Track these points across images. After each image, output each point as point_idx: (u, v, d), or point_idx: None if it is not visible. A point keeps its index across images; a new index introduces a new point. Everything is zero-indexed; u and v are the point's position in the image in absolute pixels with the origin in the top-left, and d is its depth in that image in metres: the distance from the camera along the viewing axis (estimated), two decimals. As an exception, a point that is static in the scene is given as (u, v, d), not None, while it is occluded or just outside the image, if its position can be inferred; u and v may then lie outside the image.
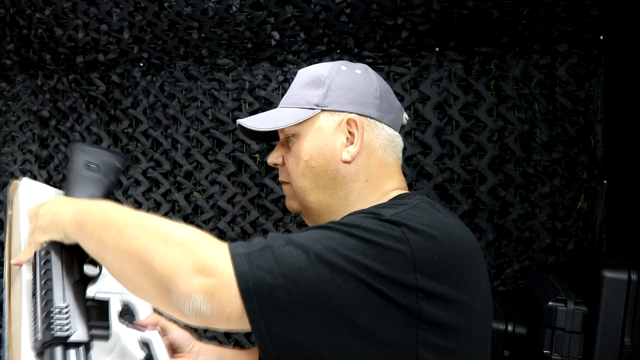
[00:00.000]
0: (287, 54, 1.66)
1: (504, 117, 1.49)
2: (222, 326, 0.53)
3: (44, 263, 0.65)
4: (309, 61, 1.66)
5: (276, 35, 1.61)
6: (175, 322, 0.82)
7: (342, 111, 0.76)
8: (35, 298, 0.63)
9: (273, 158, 0.81)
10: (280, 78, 1.67)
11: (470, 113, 1.51)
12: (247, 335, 1.71)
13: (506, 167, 1.48)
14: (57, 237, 0.66)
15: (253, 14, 1.58)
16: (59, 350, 0.57)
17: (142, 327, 0.79)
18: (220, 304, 0.50)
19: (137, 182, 1.85)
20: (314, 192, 0.76)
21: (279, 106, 0.81)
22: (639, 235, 1.25)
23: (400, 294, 0.52)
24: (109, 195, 0.79)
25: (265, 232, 1.69)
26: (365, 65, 0.81)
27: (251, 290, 0.50)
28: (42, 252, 0.67)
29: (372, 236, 0.54)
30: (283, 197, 1.67)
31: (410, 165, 1.56)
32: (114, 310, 0.77)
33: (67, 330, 0.58)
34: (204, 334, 1.70)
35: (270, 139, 0.86)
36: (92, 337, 0.61)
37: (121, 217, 0.59)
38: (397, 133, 0.80)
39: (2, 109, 2.00)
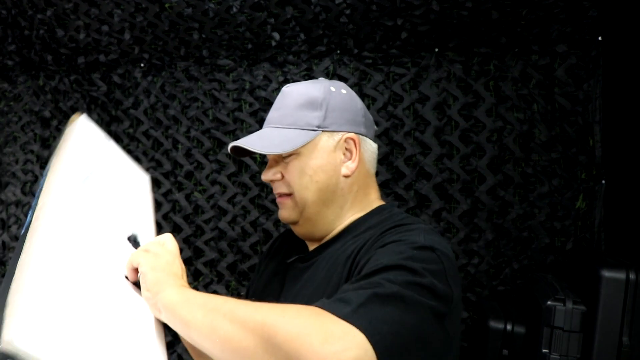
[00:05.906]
0: (287, 55, 1.67)
1: (503, 117, 1.50)
2: None
3: None
4: (309, 62, 1.66)
5: (276, 36, 1.62)
6: None
7: (340, 131, 0.85)
8: None
9: (270, 175, 0.86)
10: (281, 79, 1.68)
11: (469, 113, 1.52)
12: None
13: (505, 167, 1.49)
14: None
15: (253, 15, 1.59)
16: None
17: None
18: None
19: (138, 182, 1.86)
20: (315, 204, 0.84)
21: (272, 125, 0.86)
22: (637, 235, 1.26)
23: (445, 304, 0.64)
24: None
25: (265, 232, 1.70)
26: (344, 84, 0.90)
27: (381, 344, 0.54)
28: None
29: (424, 265, 0.65)
30: (283, 197, 1.67)
31: (410, 165, 1.56)
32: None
33: None
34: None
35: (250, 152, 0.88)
36: None
37: (226, 305, 0.62)
38: (376, 145, 0.91)
39: (3, 109, 2.01)
